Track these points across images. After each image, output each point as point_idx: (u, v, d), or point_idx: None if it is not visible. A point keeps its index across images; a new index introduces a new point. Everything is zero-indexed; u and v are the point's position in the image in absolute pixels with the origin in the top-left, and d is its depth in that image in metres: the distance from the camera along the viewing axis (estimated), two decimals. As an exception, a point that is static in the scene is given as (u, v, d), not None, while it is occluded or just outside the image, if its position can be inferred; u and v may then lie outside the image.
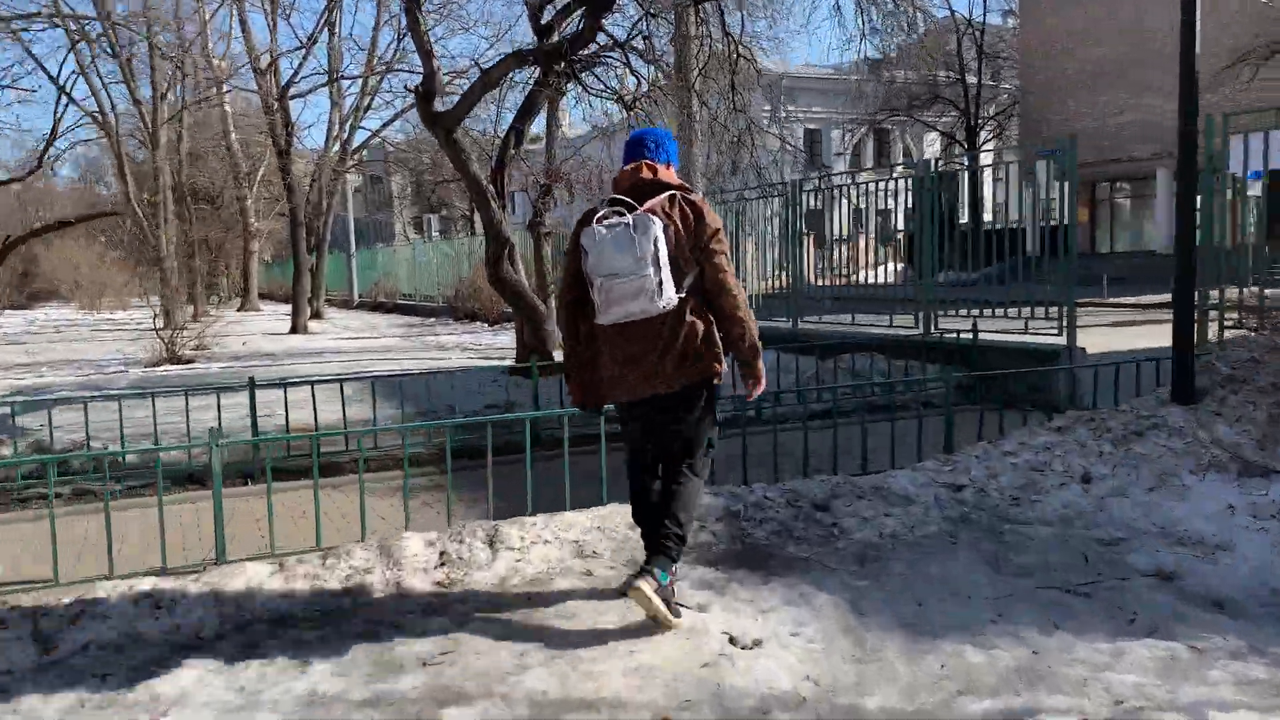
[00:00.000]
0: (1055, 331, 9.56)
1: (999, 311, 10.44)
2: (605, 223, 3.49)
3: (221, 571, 4.05)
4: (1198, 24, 5.86)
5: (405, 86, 12.94)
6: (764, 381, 3.71)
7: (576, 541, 4.38)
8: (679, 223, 3.54)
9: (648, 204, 3.53)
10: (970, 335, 10.01)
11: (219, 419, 7.44)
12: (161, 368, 14.41)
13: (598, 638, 3.45)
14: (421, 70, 10.77)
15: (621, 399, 3.69)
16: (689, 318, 3.54)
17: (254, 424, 7.25)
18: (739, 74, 10.83)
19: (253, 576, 3.98)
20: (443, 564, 4.13)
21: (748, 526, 4.59)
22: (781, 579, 3.98)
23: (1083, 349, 9.46)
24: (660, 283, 3.41)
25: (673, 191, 3.61)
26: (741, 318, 3.58)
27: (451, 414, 8.99)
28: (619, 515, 4.68)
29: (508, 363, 12.87)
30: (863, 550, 4.30)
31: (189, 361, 15.10)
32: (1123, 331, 16.19)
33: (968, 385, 10.07)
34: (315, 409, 7.69)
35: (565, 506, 5.34)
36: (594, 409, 3.88)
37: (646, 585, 3.43)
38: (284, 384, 7.57)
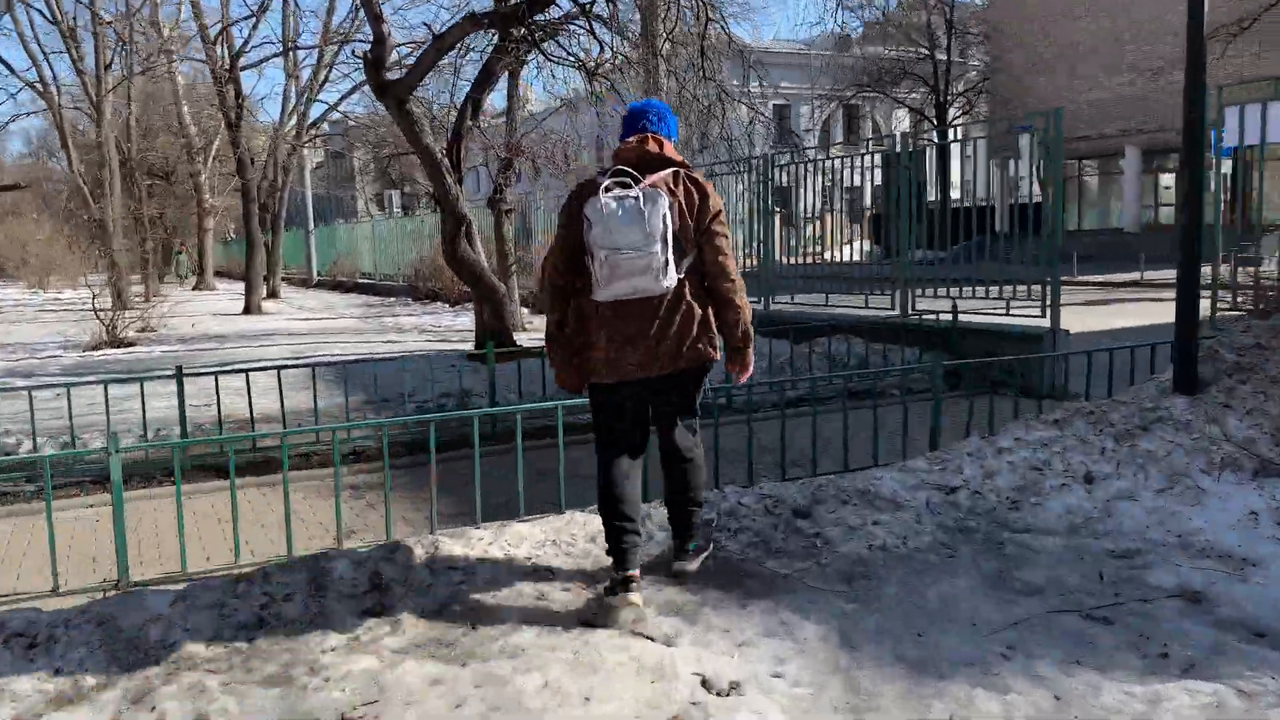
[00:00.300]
0: (1038, 312, 9.16)
1: (978, 291, 10.04)
2: (612, 194, 3.37)
3: (116, 602, 3.50)
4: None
5: (353, 53, 12.22)
6: (751, 369, 3.65)
7: (528, 558, 3.87)
8: (683, 201, 3.47)
9: (651, 178, 3.45)
10: (950, 317, 9.60)
11: (143, 412, 6.84)
12: (101, 351, 13.69)
13: (548, 684, 2.95)
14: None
15: (611, 380, 3.54)
16: (688, 300, 3.47)
17: (182, 417, 6.65)
18: (709, 40, 10.26)
19: (152, 607, 3.43)
20: (374, 588, 3.60)
21: (721, 538, 4.10)
22: (761, 602, 3.50)
23: (1066, 331, 9.07)
24: (666, 261, 3.33)
25: (677, 168, 3.54)
26: (739, 304, 3.53)
27: (403, 403, 8.45)
28: (577, 526, 4.18)
29: (468, 346, 12.32)
30: (850, 567, 3.83)
31: (131, 345, 14.38)
32: (1096, 310, 15.92)
33: (949, 370, 9.66)
34: (250, 400, 7.09)
35: (520, 511, 4.84)
36: (577, 393, 3.76)
37: (688, 564, 3.73)
38: (216, 372, 6.96)
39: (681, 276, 3.44)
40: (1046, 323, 9.05)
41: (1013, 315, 9.43)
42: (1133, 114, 32.21)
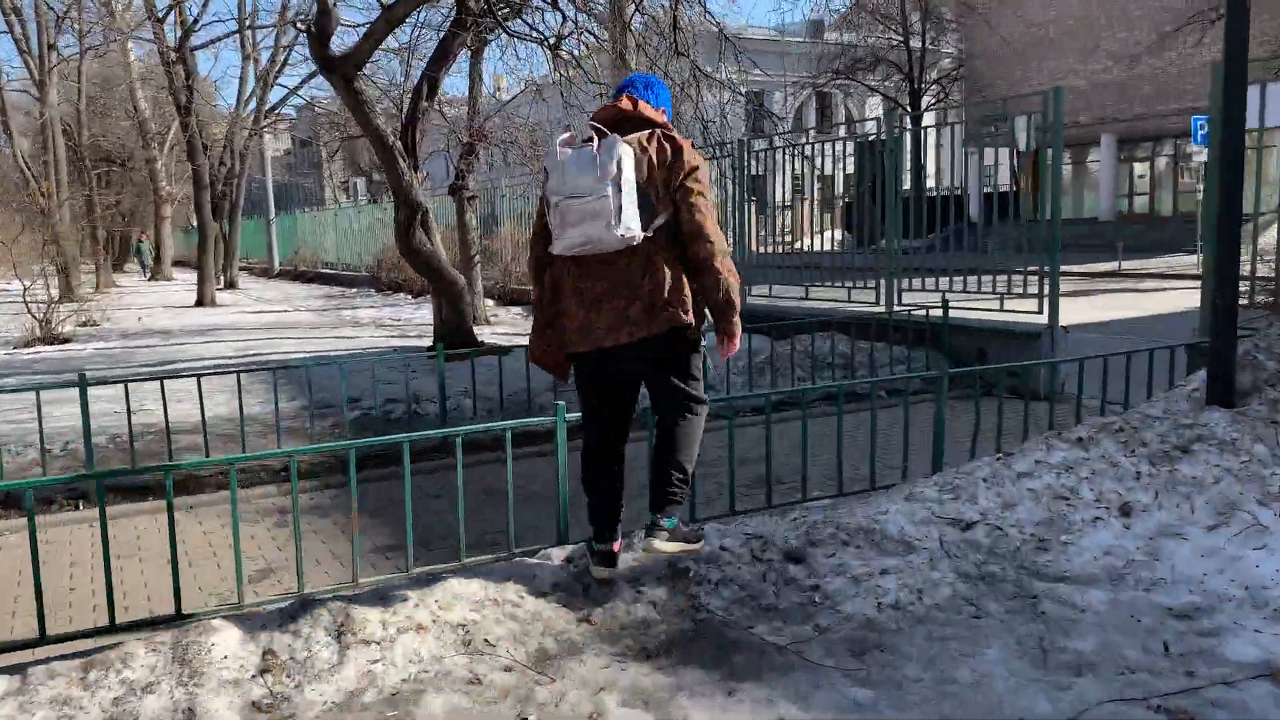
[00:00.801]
0: (1034, 306, 8.54)
1: (969, 284, 9.40)
2: (571, 146, 3.32)
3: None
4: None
5: (295, 25, 11.37)
6: (738, 339, 3.44)
7: (462, 625, 3.15)
8: (654, 155, 3.32)
9: (626, 136, 3.30)
10: (939, 312, 8.95)
11: (39, 425, 6.04)
12: (32, 349, 12.78)
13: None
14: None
15: (584, 348, 3.41)
16: (656, 261, 3.30)
17: (86, 431, 5.86)
18: (681, 15, 9.52)
19: (-24, 702, 2.68)
20: (266, 669, 2.87)
21: (700, 593, 3.40)
22: (752, 688, 2.81)
23: (1064, 328, 8.45)
24: (620, 208, 3.17)
25: (655, 128, 3.39)
26: (716, 266, 3.33)
27: (349, 407, 7.70)
28: (524, 577, 3.47)
29: (427, 342, 11.55)
30: (859, 632, 3.14)
31: (66, 341, 13.46)
32: (1078, 302, 15.33)
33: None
34: (166, 411, 6.31)
35: (461, 550, 4.13)
36: (560, 377, 3.67)
37: (660, 542, 3.38)
38: (126, 381, 6.18)
39: (649, 235, 3.28)
40: (1043, 318, 8.43)
41: (1007, 311, 8.80)
42: (1109, 101, 31.82)
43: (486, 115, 14.22)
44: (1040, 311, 8.44)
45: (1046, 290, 8.41)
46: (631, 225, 3.20)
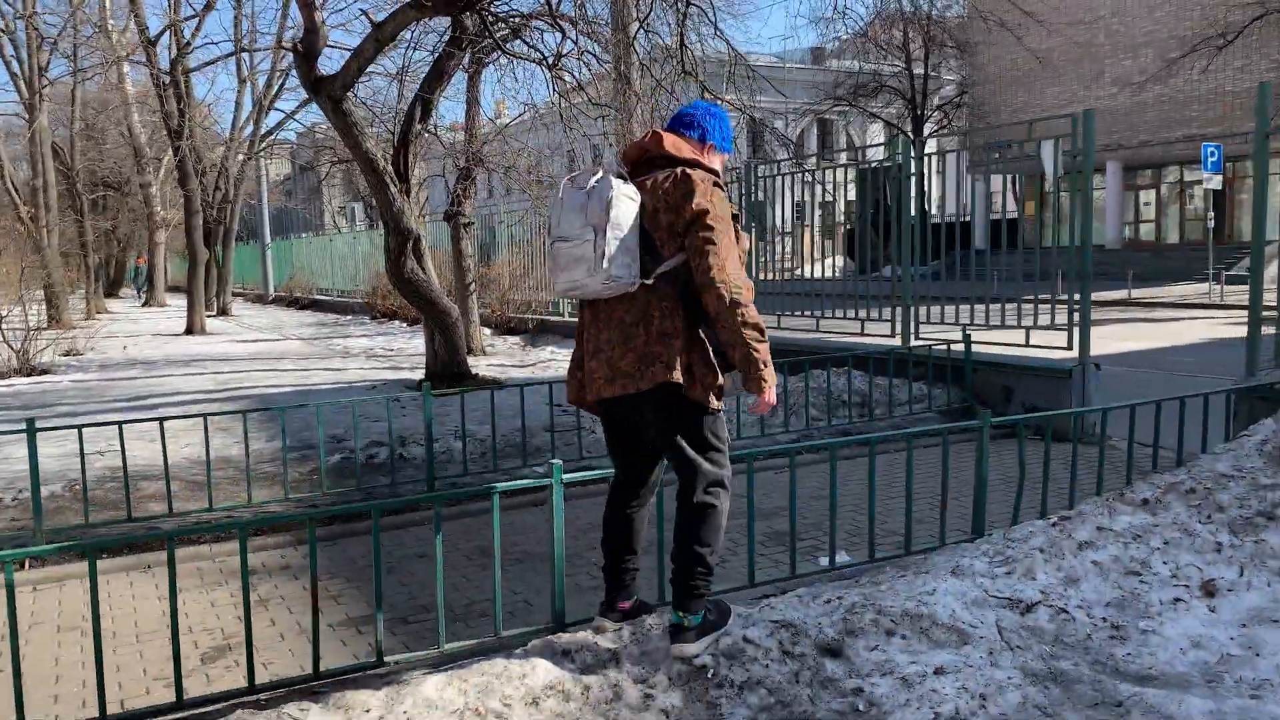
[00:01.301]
0: (1062, 342, 8.01)
1: (978, 317, 8.90)
2: (574, 184, 3.16)
3: None
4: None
5: (280, 44, 10.93)
6: (770, 393, 3.11)
7: (436, 749, 2.60)
8: (665, 198, 3.10)
9: (643, 177, 3.18)
10: (961, 346, 8.43)
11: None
12: (7, 380, 12.24)
13: None
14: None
15: (591, 396, 3.30)
16: (653, 310, 3.10)
17: (34, 483, 5.32)
18: (687, 23, 9.06)
19: None
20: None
21: (721, 699, 2.86)
22: (790, 838, 2.26)
23: (1096, 365, 7.92)
24: (603, 254, 3.02)
25: (678, 166, 3.16)
26: (730, 319, 3.03)
27: (331, 449, 7.16)
28: (512, 678, 2.92)
29: (419, 375, 11.03)
30: (916, 757, 2.60)
31: (45, 373, 12.92)
32: (1095, 332, 14.83)
33: (959, 409, 8.51)
34: (125, 457, 5.76)
35: (441, 636, 3.58)
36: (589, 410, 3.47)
37: (688, 647, 3.08)
38: (80, 426, 5.64)
39: (649, 282, 3.08)
40: (1073, 353, 7.90)
41: (1032, 346, 8.28)
42: (1114, 128, 31.47)
43: (484, 140, 13.76)
44: (1070, 346, 7.92)
45: (1075, 321, 7.89)
46: (617, 272, 3.04)
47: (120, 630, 4.37)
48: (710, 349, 3.15)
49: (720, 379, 3.17)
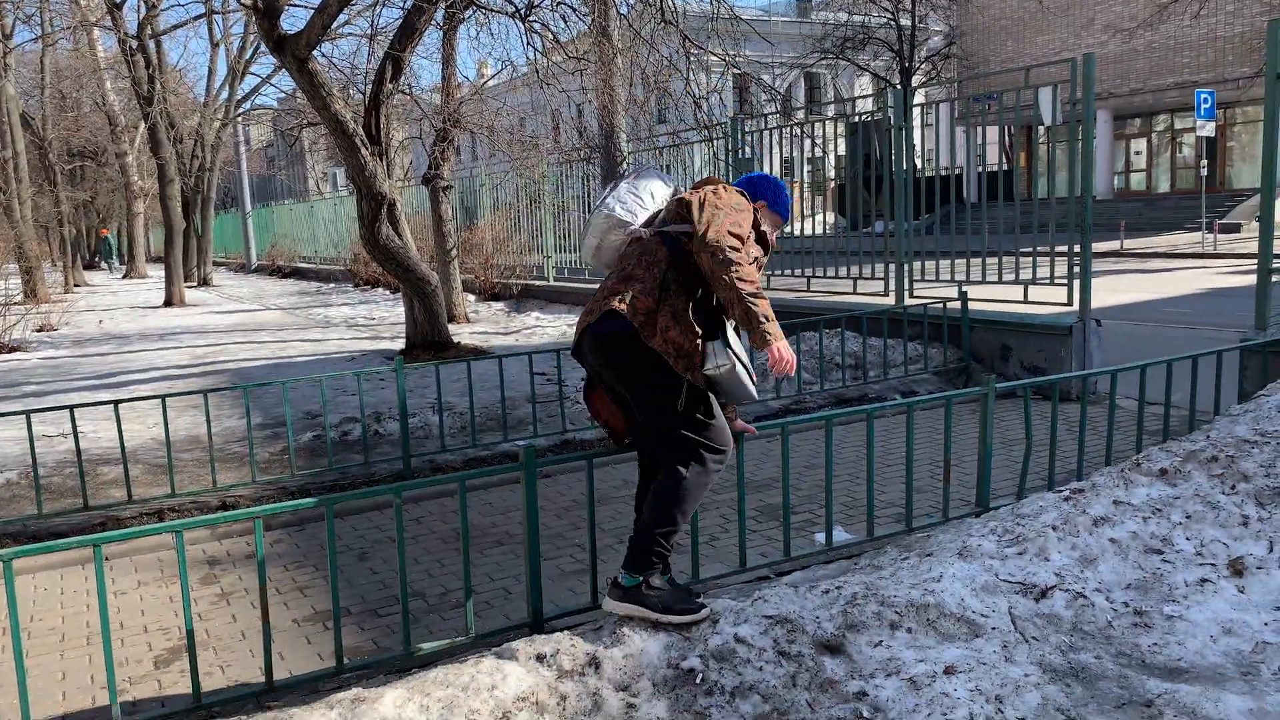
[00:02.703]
0: (1061, 298, 7.72)
1: (974, 273, 8.59)
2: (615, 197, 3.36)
3: None
4: None
5: (240, 1, 10.47)
6: (778, 348, 2.99)
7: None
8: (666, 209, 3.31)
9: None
10: (958, 304, 8.14)
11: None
12: (-25, 358, 11.88)
13: None
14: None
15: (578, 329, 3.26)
16: (636, 261, 3.17)
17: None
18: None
19: None
20: None
21: (711, 708, 2.60)
22: None
23: (1097, 320, 7.64)
24: (615, 197, 3.32)
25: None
26: (722, 279, 2.99)
27: (305, 426, 6.88)
28: (481, 689, 2.64)
29: (401, 344, 10.72)
30: (928, 773, 2.34)
31: (14, 350, 12.54)
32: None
33: (956, 370, 8.24)
34: (77, 442, 5.45)
35: (407, 639, 3.31)
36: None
37: (610, 602, 3.08)
38: (29, 411, 5.32)
39: (644, 234, 3.22)
40: (1073, 308, 7.62)
41: (1030, 302, 7.99)
42: (1104, 76, 30.94)
43: (461, 100, 13.31)
44: (1070, 302, 7.63)
45: (1075, 275, 7.59)
46: (616, 212, 3.26)
47: (70, 631, 4.09)
48: (695, 325, 3.09)
49: (696, 346, 3.07)
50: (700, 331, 3.10)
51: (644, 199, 3.31)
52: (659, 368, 3.05)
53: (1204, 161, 25.61)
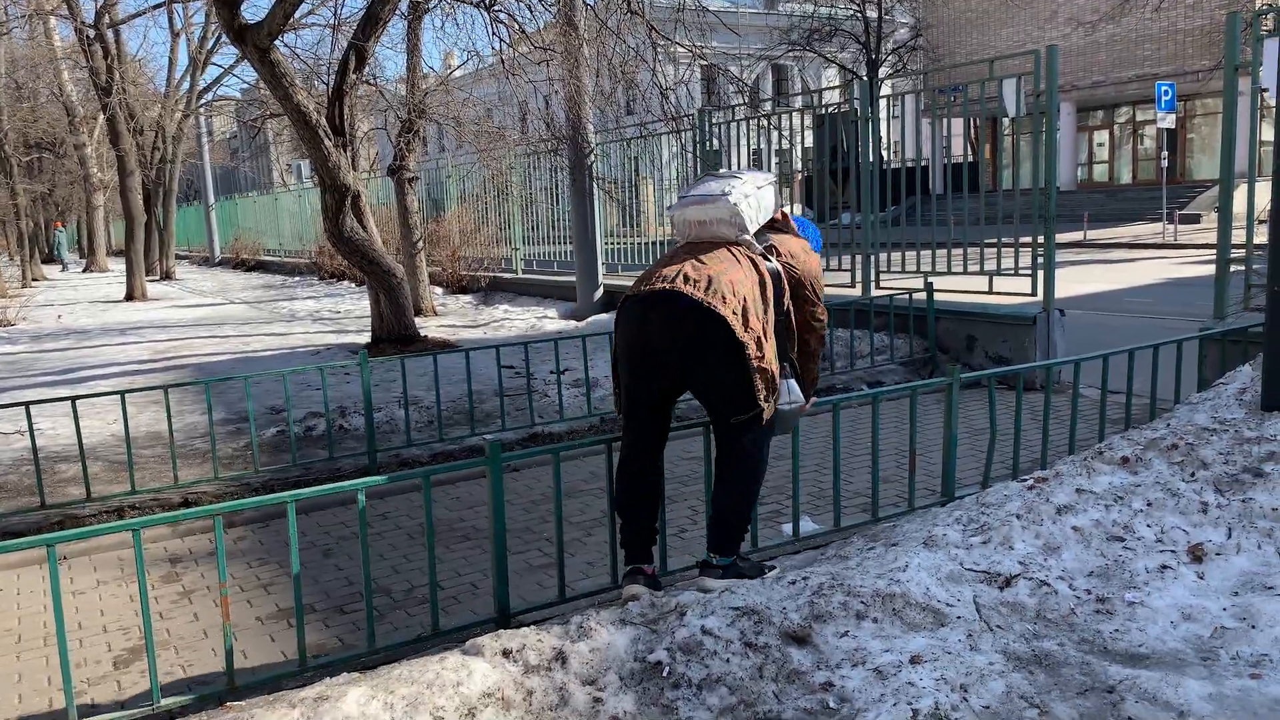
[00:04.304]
0: (1026, 288, 7.80)
1: (939, 264, 8.65)
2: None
3: None
4: None
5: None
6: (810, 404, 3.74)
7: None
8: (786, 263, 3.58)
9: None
10: (924, 296, 8.20)
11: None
12: (-72, 355, 11.62)
13: None
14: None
15: (634, 290, 3.36)
16: (732, 254, 3.38)
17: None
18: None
19: None
20: None
21: (678, 701, 2.59)
22: None
23: (1060, 311, 7.72)
24: (735, 193, 3.41)
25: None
26: (818, 353, 3.76)
27: (269, 420, 6.80)
28: (445, 686, 2.62)
29: (366, 337, 10.62)
30: (894, 763, 2.34)
31: (-31, 345, 12.30)
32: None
33: (922, 360, 8.29)
34: (33, 439, 5.34)
35: (370, 636, 3.28)
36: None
37: (711, 581, 3.32)
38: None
39: (746, 245, 3.44)
40: (1037, 298, 7.69)
41: (996, 293, 8.06)
42: (1067, 69, 31.26)
43: (427, 91, 13.20)
44: (1034, 292, 7.70)
45: (1039, 266, 7.67)
46: (739, 207, 3.39)
47: (27, 633, 4.01)
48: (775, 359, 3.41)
49: (778, 373, 3.41)
50: (778, 367, 3.41)
51: (761, 213, 3.53)
52: (745, 368, 3.28)
53: (1165, 153, 25.97)
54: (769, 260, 3.49)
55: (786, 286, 3.51)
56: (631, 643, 2.82)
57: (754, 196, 3.46)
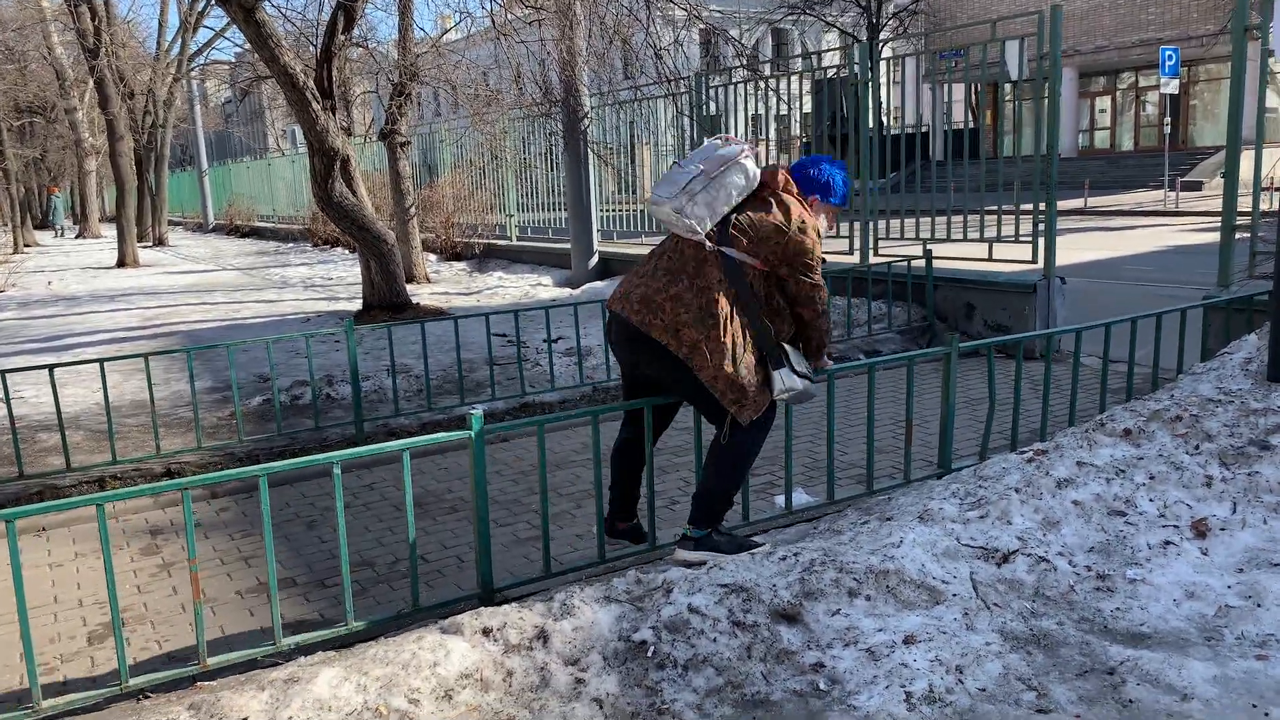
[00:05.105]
0: (1026, 255, 7.66)
1: (939, 231, 8.50)
2: (727, 141, 3.41)
3: None
4: None
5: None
6: (826, 361, 3.60)
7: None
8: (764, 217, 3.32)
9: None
10: (923, 263, 8.06)
11: None
12: (-86, 322, 11.48)
13: None
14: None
15: (613, 308, 3.41)
16: (689, 256, 3.29)
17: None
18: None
19: None
20: None
21: (663, 682, 2.50)
22: None
23: (1061, 279, 7.59)
24: (691, 192, 3.25)
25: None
26: (818, 325, 3.45)
27: (255, 388, 6.69)
28: (423, 666, 2.52)
29: (358, 305, 10.48)
30: (886, 749, 2.25)
31: (-43, 312, 12.16)
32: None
33: (920, 328, 8.17)
34: (10, 406, 5.23)
35: (348, 612, 3.19)
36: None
37: (683, 552, 3.41)
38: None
39: (710, 246, 3.25)
40: (1038, 266, 7.56)
41: (996, 260, 7.93)
42: (1070, 34, 30.86)
43: (419, 54, 12.95)
44: (1034, 260, 7.57)
45: (1039, 233, 7.53)
46: (691, 210, 3.22)
47: (8, 607, 3.91)
48: (755, 357, 3.28)
49: (753, 384, 3.26)
50: (759, 376, 3.28)
51: (730, 193, 3.28)
52: (692, 377, 3.28)
53: (1167, 119, 25.69)
54: (729, 252, 3.24)
55: (753, 273, 3.28)
56: (616, 621, 2.73)
57: (710, 189, 3.24)
